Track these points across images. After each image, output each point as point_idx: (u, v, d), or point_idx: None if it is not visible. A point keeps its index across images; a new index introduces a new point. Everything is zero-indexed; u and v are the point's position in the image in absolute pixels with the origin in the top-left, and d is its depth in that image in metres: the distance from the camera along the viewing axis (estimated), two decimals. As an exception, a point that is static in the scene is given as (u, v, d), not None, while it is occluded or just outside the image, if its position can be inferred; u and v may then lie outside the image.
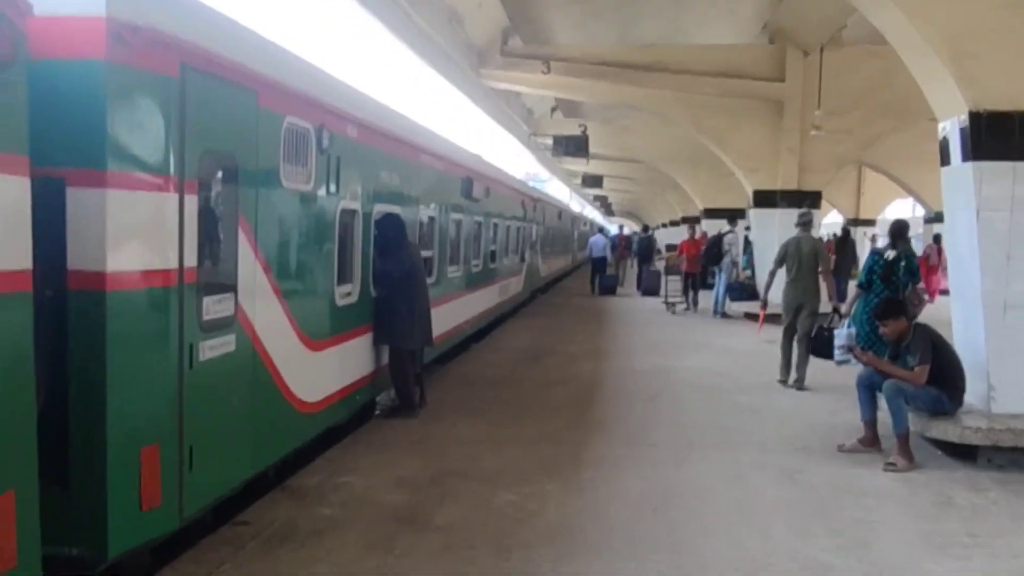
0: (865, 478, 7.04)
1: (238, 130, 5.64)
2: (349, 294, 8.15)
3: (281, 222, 6.44)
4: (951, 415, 7.58)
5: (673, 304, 21.03)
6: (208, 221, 5.32)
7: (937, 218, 28.28)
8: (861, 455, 7.67)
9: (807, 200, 19.09)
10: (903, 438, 7.34)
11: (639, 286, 26.96)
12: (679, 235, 32.05)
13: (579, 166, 37.88)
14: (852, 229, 34.92)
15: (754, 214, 20.37)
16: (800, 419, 9.18)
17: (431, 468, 7.13)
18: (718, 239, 20.47)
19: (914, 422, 7.54)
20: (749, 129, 19.61)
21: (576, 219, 44.35)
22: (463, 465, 7.25)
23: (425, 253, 11.14)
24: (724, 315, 19.69)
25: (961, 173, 8.01)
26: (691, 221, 30.60)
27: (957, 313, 8.48)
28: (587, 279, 28.56)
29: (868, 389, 7.82)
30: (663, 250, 33.37)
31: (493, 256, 16.49)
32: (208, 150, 5.21)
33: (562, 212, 33.66)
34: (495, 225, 16.63)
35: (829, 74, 17.95)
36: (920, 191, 29.28)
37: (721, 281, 20.05)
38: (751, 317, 18.59)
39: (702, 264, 21.30)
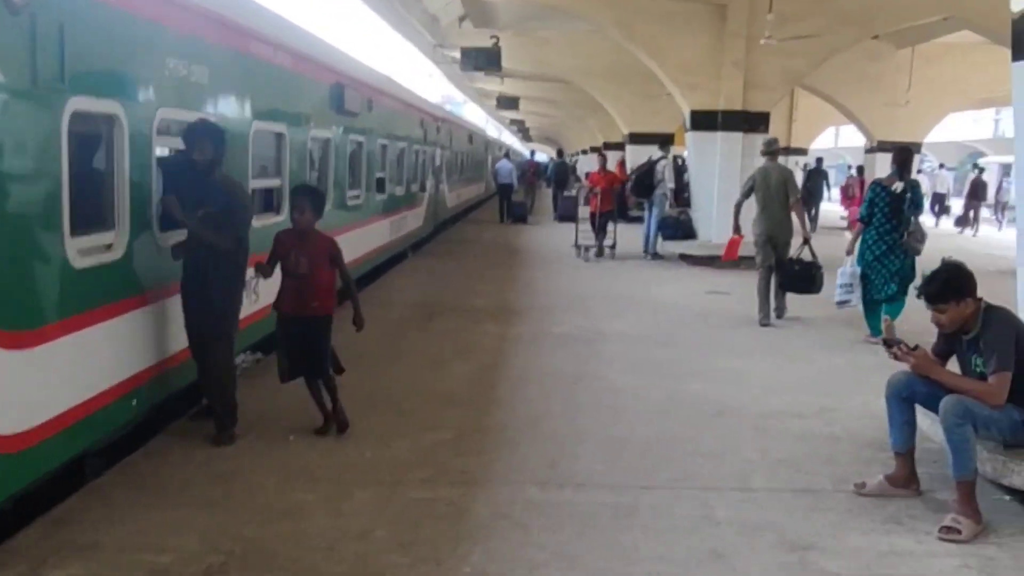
0: (916, 557, 4.37)
1: None
2: (109, 247, 5.18)
3: None
4: (1036, 447, 4.95)
5: (586, 248, 17.03)
6: None
7: (879, 148, 26.06)
8: (893, 502, 5.04)
9: (749, 122, 16.64)
10: (967, 486, 4.66)
11: (555, 213, 25.83)
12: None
13: (493, 85, 34.56)
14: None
15: (691, 138, 17.48)
16: (788, 425, 6.49)
17: (216, 544, 4.24)
18: (650, 167, 17.50)
19: (981, 460, 4.89)
20: (688, 38, 16.47)
21: (491, 144, 41.18)
22: (272, 535, 4.39)
23: (267, 182, 8.13)
24: (656, 256, 16.98)
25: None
26: (609, 148, 27.98)
27: None
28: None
29: (905, 404, 5.11)
30: (583, 178, 30.57)
31: (380, 185, 13.44)
32: None
33: (473, 135, 30.55)
34: (384, 148, 13.56)
35: (783, -28, 15.04)
36: (862, 118, 26.88)
37: (653, 216, 17.23)
38: (687, 259, 16.13)
39: (621, 198, 18.21)
